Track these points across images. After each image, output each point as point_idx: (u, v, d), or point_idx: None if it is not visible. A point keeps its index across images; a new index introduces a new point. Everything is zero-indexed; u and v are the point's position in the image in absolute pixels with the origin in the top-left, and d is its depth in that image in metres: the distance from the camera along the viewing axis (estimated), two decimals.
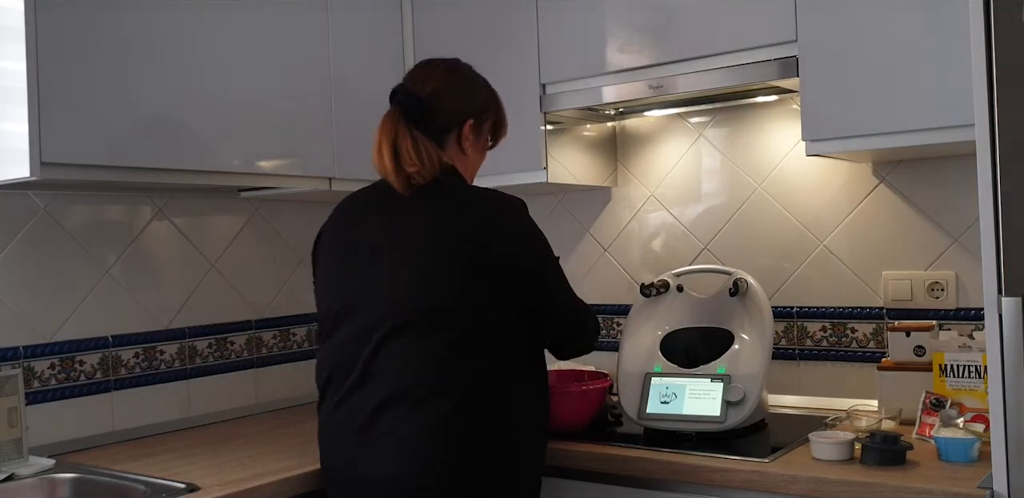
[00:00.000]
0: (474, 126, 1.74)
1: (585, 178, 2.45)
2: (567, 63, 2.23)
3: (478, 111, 1.76)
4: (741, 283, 2.08)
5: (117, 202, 2.22)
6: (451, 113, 1.72)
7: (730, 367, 1.99)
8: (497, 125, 1.82)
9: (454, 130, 1.72)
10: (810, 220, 2.28)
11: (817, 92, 1.89)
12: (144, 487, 1.71)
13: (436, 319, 1.56)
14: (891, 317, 2.16)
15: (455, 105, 1.72)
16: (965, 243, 2.07)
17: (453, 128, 1.72)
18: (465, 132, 1.73)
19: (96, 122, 1.78)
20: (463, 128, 1.73)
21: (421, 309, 1.56)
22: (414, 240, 1.61)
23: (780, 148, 2.31)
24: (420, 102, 1.68)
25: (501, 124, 1.83)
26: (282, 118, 2.14)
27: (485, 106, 1.78)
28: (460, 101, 1.73)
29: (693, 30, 2.04)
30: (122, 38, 1.83)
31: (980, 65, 1.39)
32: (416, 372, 1.55)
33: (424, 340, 1.55)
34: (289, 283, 2.61)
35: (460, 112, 1.72)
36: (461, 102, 1.73)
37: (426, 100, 1.69)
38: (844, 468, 1.64)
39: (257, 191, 2.37)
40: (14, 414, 1.84)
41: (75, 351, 2.11)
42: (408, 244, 1.61)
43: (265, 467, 1.81)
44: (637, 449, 1.85)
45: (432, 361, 1.55)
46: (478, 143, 1.78)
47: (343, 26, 2.31)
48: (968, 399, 1.82)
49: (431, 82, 1.72)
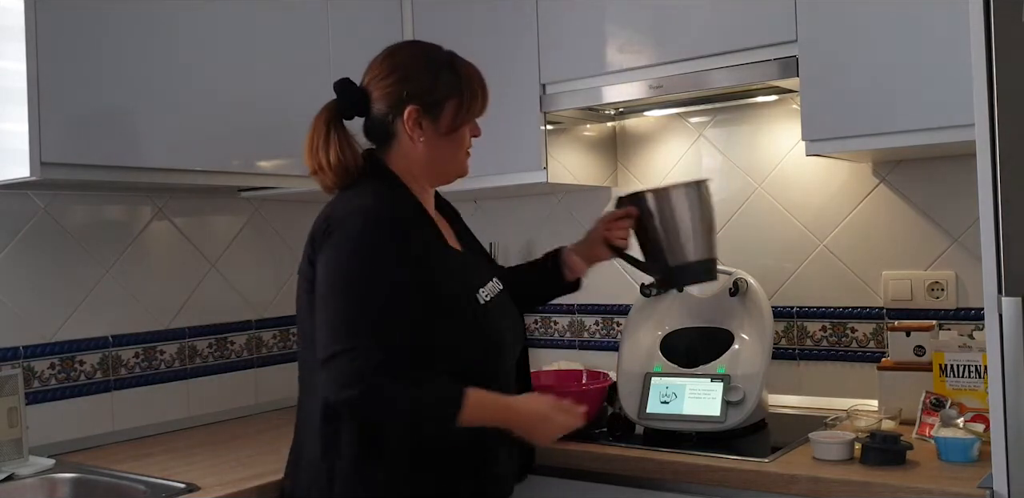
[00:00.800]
0: (421, 112, 1.53)
1: (585, 178, 2.45)
2: (567, 63, 2.23)
3: (424, 93, 1.53)
4: (741, 283, 2.08)
5: (117, 202, 2.22)
6: (387, 100, 1.54)
7: (730, 367, 1.99)
8: (463, 107, 1.56)
9: (397, 119, 1.54)
10: (810, 220, 2.28)
11: (817, 92, 1.89)
12: (144, 487, 1.71)
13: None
14: (891, 317, 2.16)
15: (391, 90, 1.53)
16: (965, 243, 2.07)
17: (394, 117, 1.54)
18: (407, 119, 1.52)
19: (96, 122, 1.78)
20: (404, 115, 1.53)
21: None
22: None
23: (780, 148, 2.31)
24: (354, 93, 1.56)
25: (469, 105, 1.56)
26: (282, 118, 2.14)
27: (437, 87, 1.54)
28: (397, 85, 1.53)
29: (693, 30, 2.04)
30: (122, 38, 1.83)
31: (980, 65, 1.39)
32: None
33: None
34: (289, 283, 2.61)
35: (397, 97, 1.53)
36: (399, 86, 1.53)
37: (364, 89, 1.56)
38: (844, 468, 1.64)
39: (257, 191, 2.37)
40: (14, 414, 1.84)
41: (75, 351, 2.11)
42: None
43: (265, 467, 1.81)
44: (637, 449, 1.85)
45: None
46: (435, 131, 1.54)
47: (343, 26, 2.31)
48: (968, 399, 1.82)
49: (370, 69, 1.59)
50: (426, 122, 1.54)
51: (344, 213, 1.46)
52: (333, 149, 1.52)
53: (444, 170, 1.60)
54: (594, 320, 2.60)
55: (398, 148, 1.56)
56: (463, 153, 1.61)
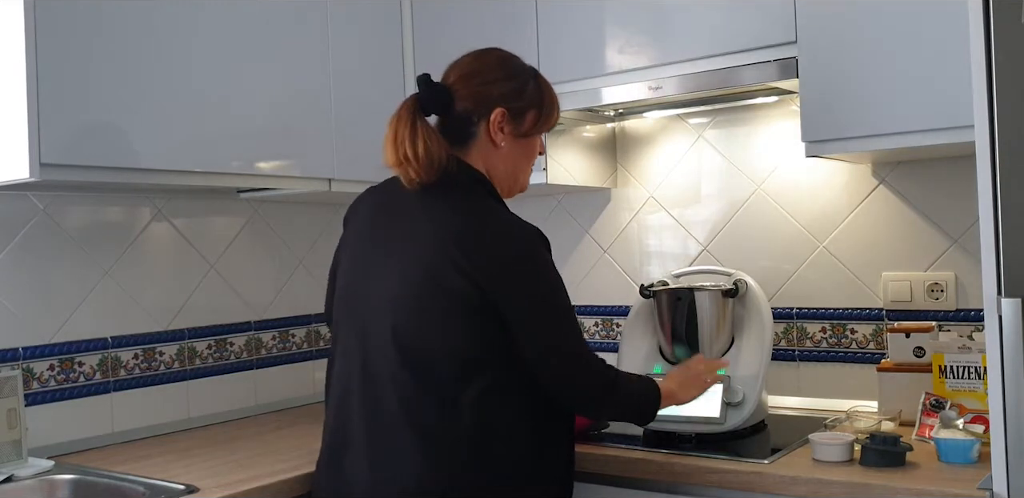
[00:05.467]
0: (508, 115, 1.55)
1: (585, 179, 2.45)
2: (567, 64, 2.22)
3: (512, 98, 1.56)
4: (741, 284, 2.07)
5: (116, 203, 2.22)
6: (475, 99, 1.54)
7: (730, 368, 1.98)
8: (542, 118, 1.61)
9: (481, 120, 1.55)
10: (810, 221, 2.28)
11: (817, 93, 1.89)
12: (143, 488, 1.71)
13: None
14: (891, 318, 2.16)
15: (480, 90, 1.54)
16: (965, 244, 2.07)
17: (479, 117, 1.55)
18: (494, 120, 1.54)
19: (95, 122, 1.78)
20: (491, 116, 1.54)
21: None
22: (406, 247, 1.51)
23: (780, 149, 2.31)
24: (437, 89, 1.54)
25: (547, 118, 1.62)
26: (281, 119, 2.14)
27: (524, 94, 1.57)
28: (487, 86, 1.55)
29: (693, 31, 2.04)
30: (121, 39, 1.83)
31: (980, 65, 1.39)
32: None
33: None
34: (288, 284, 2.61)
35: (486, 98, 1.54)
36: (489, 87, 1.55)
37: (448, 87, 1.55)
38: (844, 469, 1.64)
39: (256, 192, 2.37)
40: (13, 415, 1.84)
41: (74, 352, 2.11)
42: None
43: (264, 468, 1.81)
44: (636, 450, 1.85)
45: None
46: (516, 134, 1.57)
47: (343, 26, 2.31)
48: (968, 400, 1.82)
49: (456, 68, 1.58)
50: (508, 128, 1.56)
51: (515, 233, 1.48)
52: (422, 140, 1.48)
53: (515, 179, 1.63)
54: (594, 321, 2.60)
55: (476, 150, 1.56)
56: (531, 165, 1.65)
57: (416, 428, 1.44)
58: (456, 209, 1.50)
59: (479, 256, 1.44)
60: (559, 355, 1.50)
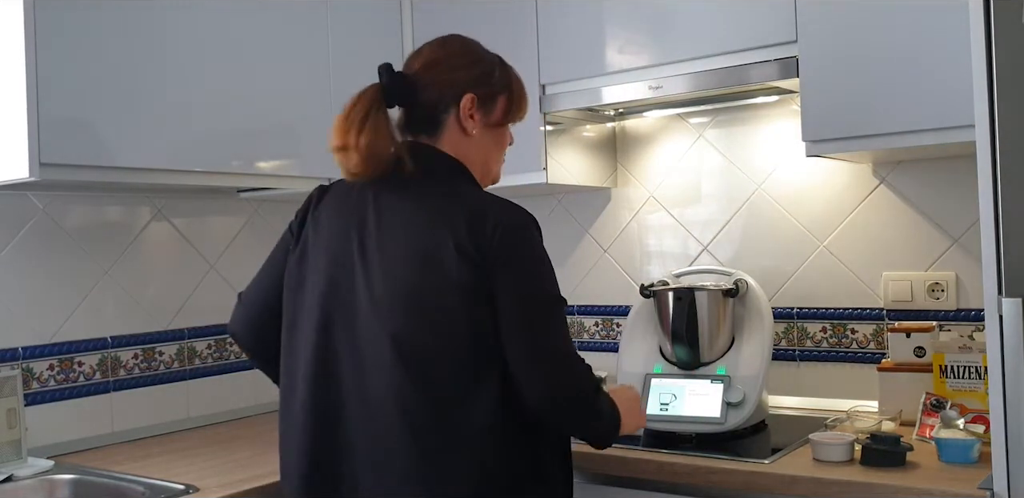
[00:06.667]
0: (477, 101, 1.49)
1: (585, 179, 2.45)
2: (567, 63, 2.22)
3: (481, 83, 1.51)
4: (741, 284, 2.07)
5: (116, 203, 2.22)
6: (442, 86, 1.48)
7: (730, 368, 1.98)
8: (512, 104, 1.55)
9: (450, 108, 1.49)
10: (810, 221, 2.28)
11: (817, 93, 1.88)
12: (143, 488, 1.71)
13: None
14: (891, 318, 2.16)
15: (448, 78, 1.49)
16: (965, 244, 2.07)
17: (447, 105, 1.49)
18: (464, 106, 1.48)
19: (96, 122, 1.78)
20: (461, 102, 1.48)
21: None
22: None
23: (780, 149, 2.31)
24: (401, 79, 1.48)
25: (518, 105, 1.56)
26: (281, 118, 2.14)
27: (492, 78, 1.52)
28: (454, 72, 1.49)
29: (693, 31, 2.04)
30: (122, 39, 1.83)
31: (980, 65, 1.39)
32: None
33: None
34: None
35: (454, 83, 1.48)
36: (456, 73, 1.49)
37: (411, 76, 1.49)
38: (844, 469, 1.64)
39: (256, 192, 2.37)
40: (13, 415, 1.84)
41: (74, 352, 2.11)
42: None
43: (264, 468, 1.81)
44: (636, 450, 1.85)
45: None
46: (487, 121, 1.52)
47: (343, 26, 2.31)
48: (968, 400, 1.82)
49: (420, 57, 1.52)
50: (478, 115, 1.50)
51: (515, 221, 1.41)
52: (367, 133, 1.41)
53: (488, 169, 1.57)
54: (594, 321, 2.60)
55: (447, 140, 1.50)
56: (502, 155, 1.60)
57: (414, 428, 1.43)
58: (446, 195, 1.44)
59: (480, 234, 1.38)
60: (547, 350, 1.43)
